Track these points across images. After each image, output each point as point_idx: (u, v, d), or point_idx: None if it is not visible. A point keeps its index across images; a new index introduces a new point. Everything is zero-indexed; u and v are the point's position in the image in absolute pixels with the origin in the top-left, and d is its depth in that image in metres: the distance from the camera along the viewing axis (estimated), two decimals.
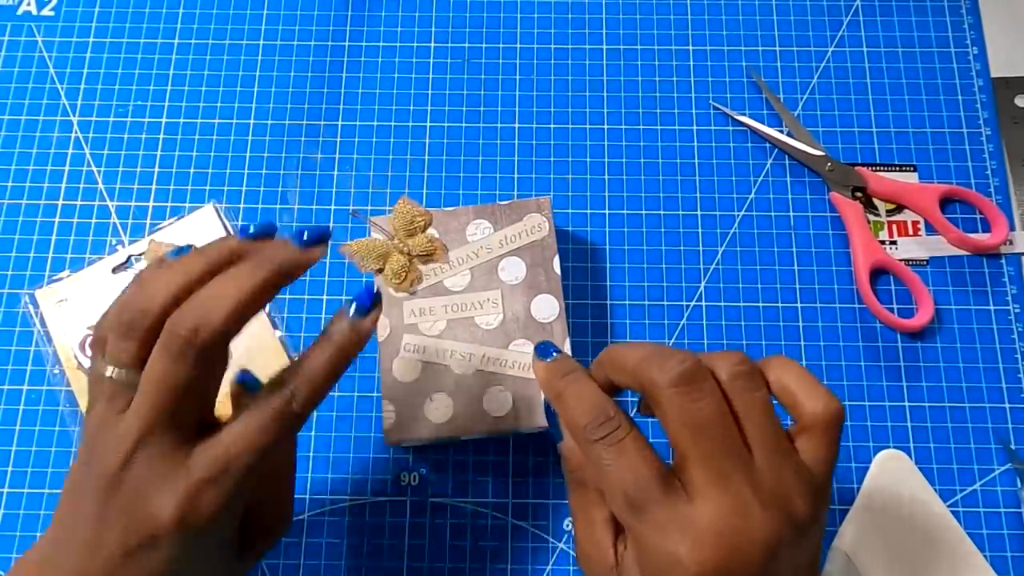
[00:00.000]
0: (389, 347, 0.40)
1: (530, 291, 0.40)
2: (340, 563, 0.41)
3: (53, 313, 0.45)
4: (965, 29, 0.50)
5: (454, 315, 0.40)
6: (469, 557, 0.41)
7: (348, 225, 0.47)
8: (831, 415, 0.27)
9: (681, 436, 0.26)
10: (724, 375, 0.27)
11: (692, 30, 0.51)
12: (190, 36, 0.51)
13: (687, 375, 0.26)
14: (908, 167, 0.48)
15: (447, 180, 0.48)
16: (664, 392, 0.26)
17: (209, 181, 0.48)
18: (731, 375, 0.27)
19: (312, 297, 0.46)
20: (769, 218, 0.47)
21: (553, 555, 0.41)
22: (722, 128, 0.49)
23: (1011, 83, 0.49)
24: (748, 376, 0.27)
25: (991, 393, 0.43)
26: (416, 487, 0.43)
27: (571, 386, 0.30)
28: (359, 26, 0.51)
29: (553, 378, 0.31)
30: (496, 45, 0.51)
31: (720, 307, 0.45)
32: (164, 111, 0.49)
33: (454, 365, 0.39)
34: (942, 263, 0.46)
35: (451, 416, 0.38)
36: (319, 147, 0.49)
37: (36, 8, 0.52)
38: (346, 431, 0.43)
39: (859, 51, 0.50)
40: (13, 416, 0.44)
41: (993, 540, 0.41)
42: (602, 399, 0.29)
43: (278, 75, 0.50)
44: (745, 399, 0.26)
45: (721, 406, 0.26)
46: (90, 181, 0.48)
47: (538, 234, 0.41)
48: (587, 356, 0.44)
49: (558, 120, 0.49)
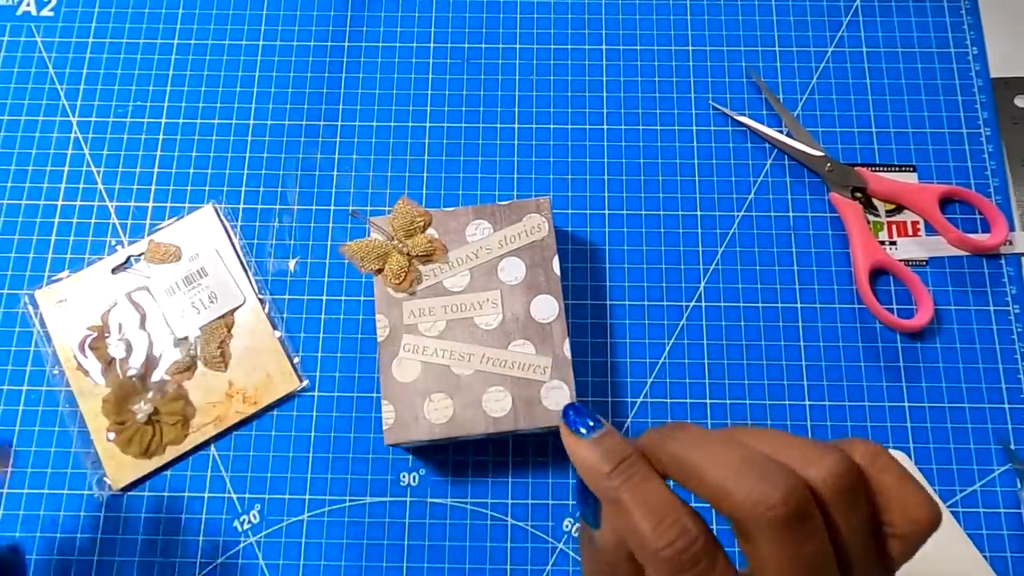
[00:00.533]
0: (389, 347, 0.40)
1: (530, 291, 0.40)
2: (340, 563, 0.41)
3: (53, 313, 0.45)
4: (965, 29, 0.50)
5: (454, 315, 0.40)
6: (469, 557, 0.41)
7: (348, 225, 0.47)
8: (933, 524, 0.22)
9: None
10: (823, 486, 0.21)
11: (692, 30, 0.51)
12: (190, 36, 0.51)
13: (797, 513, 0.21)
14: (908, 167, 0.48)
15: (447, 180, 0.48)
16: (763, 530, 0.21)
17: (209, 181, 0.48)
18: (834, 489, 0.21)
19: (312, 297, 0.46)
20: (769, 218, 0.47)
21: (553, 555, 0.41)
22: (722, 128, 0.49)
23: (1011, 83, 0.49)
24: (853, 494, 0.22)
25: (991, 393, 0.43)
26: (416, 487, 0.43)
27: (632, 488, 0.23)
28: (359, 26, 0.51)
29: (601, 469, 0.23)
30: (496, 45, 0.51)
31: (720, 307, 0.45)
32: (164, 111, 0.49)
33: (454, 365, 0.39)
34: (942, 263, 0.46)
35: (451, 416, 0.38)
36: (319, 147, 0.49)
37: (36, 8, 0.52)
38: (346, 431, 0.43)
39: (859, 51, 0.50)
40: (13, 416, 0.44)
41: (993, 540, 0.41)
42: (680, 513, 0.22)
43: (278, 75, 0.50)
44: (850, 522, 0.22)
45: (827, 547, 0.21)
46: (90, 181, 0.48)
47: (538, 234, 0.41)
48: (587, 356, 0.44)
49: (558, 120, 0.49)
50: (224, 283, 0.45)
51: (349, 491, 0.42)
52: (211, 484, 0.43)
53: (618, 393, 0.44)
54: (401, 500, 0.42)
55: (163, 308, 0.45)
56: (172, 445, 0.43)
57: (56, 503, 0.42)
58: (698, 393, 0.44)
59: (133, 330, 0.44)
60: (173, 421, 0.43)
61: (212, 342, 0.44)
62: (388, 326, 0.40)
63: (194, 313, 0.45)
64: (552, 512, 0.42)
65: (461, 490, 0.42)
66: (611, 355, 0.44)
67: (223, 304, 0.45)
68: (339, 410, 0.44)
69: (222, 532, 0.42)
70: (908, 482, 0.23)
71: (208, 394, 0.43)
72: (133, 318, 0.45)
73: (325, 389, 0.44)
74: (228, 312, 0.45)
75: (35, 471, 0.43)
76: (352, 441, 0.43)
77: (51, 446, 0.43)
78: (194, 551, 0.42)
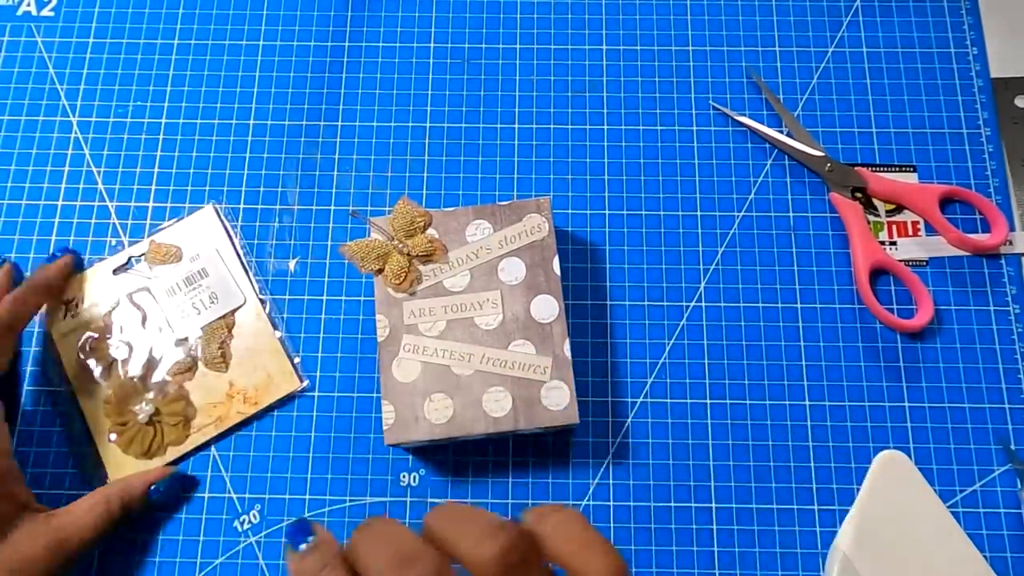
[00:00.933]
0: (389, 347, 0.40)
1: (530, 291, 0.40)
2: None
3: (54, 314, 0.45)
4: (965, 29, 0.50)
5: (454, 315, 0.40)
6: None
7: (348, 225, 0.47)
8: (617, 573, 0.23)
9: None
10: (492, 563, 0.22)
11: (692, 30, 0.51)
12: (190, 36, 0.51)
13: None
14: (908, 167, 0.48)
15: (447, 180, 0.48)
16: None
17: (209, 181, 0.48)
18: (502, 565, 0.22)
19: (312, 297, 0.46)
20: (769, 218, 0.47)
21: None
22: (722, 128, 0.49)
23: (1011, 83, 0.49)
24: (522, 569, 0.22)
25: (991, 393, 0.43)
26: (416, 487, 0.43)
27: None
28: (359, 26, 0.51)
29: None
30: (496, 45, 0.51)
31: (720, 307, 0.45)
32: (164, 111, 0.49)
33: (454, 365, 0.39)
34: (942, 263, 0.46)
35: (451, 416, 0.38)
36: (319, 147, 0.49)
37: (36, 8, 0.52)
38: (346, 431, 0.43)
39: (859, 51, 0.50)
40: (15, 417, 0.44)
41: (993, 540, 0.41)
42: None
43: (278, 75, 0.50)
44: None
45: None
46: (90, 181, 0.48)
47: (538, 234, 0.41)
48: (587, 356, 0.44)
49: (558, 120, 0.49)
50: (225, 283, 0.45)
51: (349, 491, 0.42)
52: (211, 484, 0.43)
53: (618, 393, 0.44)
54: (401, 500, 0.42)
55: (164, 309, 0.45)
56: (173, 446, 0.43)
57: (57, 503, 0.42)
58: (698, 393, 0.44)
59: (134, 331, 0.44)
60: (174, 422, 0.43)
61: (213, 342, 0.44)
62: (388, 326, 0.40)
63: (195, 313, 0.45)
64: None
65: (461, 490, 0.42)
66: (611, 355, 0.44)
67: (224, 304, 0.45)
68: (339, 410, 0.44)
69: (222, 532, 0.42)
70: (589, 546, 0.23)
71: (209, 394, 0.43)
72: (134, 319, 0.45)
73: (325, 389, 0.44)
74: (229, 312, 0.45)
75: (35, 471, 0.43)
76: (352, 441, 0.43)
77: (51, 447, 0.43)
78: (194, 551, 0.42)
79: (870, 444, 0.43)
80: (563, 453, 0.43)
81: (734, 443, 0.43)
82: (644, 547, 0.41)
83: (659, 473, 0.42)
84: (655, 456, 0.43)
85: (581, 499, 0.42)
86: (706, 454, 0.43)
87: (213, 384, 0.44)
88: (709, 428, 0.43)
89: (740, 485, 0.42)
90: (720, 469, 0.42)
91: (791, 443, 0.43)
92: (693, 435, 0.43)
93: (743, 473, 0.42)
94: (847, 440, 0.43)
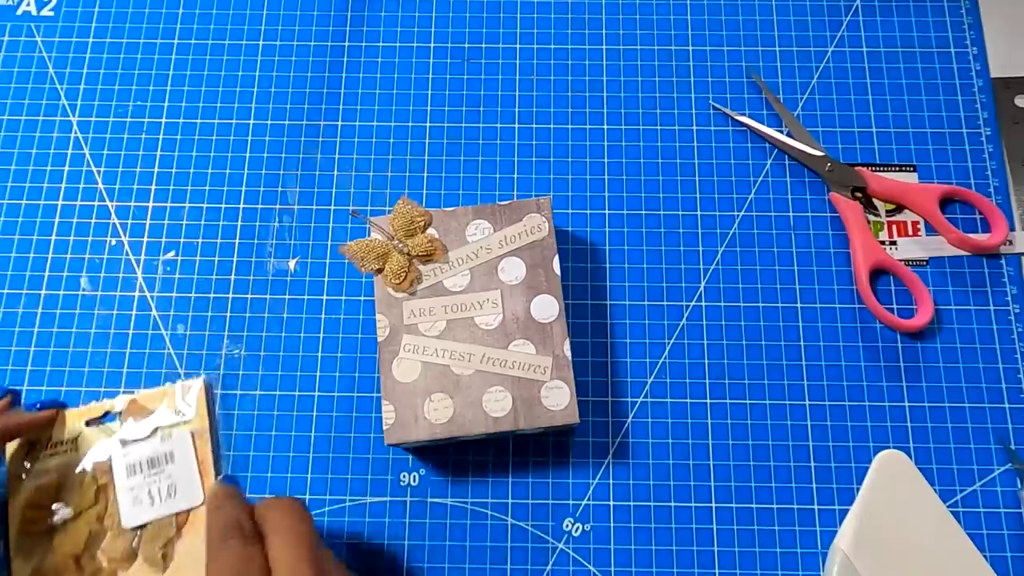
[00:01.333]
0: (389, 347, 0.40)
1: (530, 291, 0.40)
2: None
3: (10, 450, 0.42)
4: (965, 29, 0.50)
5: (454, 315, 0.40)
6: (469, 557, 0.41)
7: (348, 225, 0.47)
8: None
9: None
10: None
11: (692, 30, 0.51)
12: (190, 36, 0.51)
13: None
14: (908, 167, 0.48)
15: (447, 180, 0.48)
16: None
17: (209, 181, 0.48)
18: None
19: (312, 297, 0.46)
20: (769, 218, 0.47)
21: (553, 555, 0.41)
22: (722, 128, 0.49)
23: (1011, 83, 0.49)
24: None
25: (991, 393, 0.43)
26: (416, 487, 0.43)
27: None
28: (359, 26, 0.51)
29: None
30: (496, 45, 0.51)
31: (720, 307, 0.45)
32: (164, 111, 0.49)
33: (454, 365, 0.39)
34: (942, 263, 0.46)
35: (451, 416, 0.38)
36: (319, 147, 0.49)
37: (36, 8, 0.52)
38: (346, 431, 0.43)
39: (859, 51, 0.50)
40: None
41: (993, 540, 0.41)
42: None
43: (278, 75, 0.50)
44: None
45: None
46: (90, 181, 0.48)
47: (538, 234, 0.41)
48: (587, 356, 0.44)
49: (558, 120, 0.49)
50: (188, 476, 0.42)
51: (349, 491, 0.42)
52: None
53: (618, 393, 0.44)
54: (401, 500, 0.42)
55: (119, 487, 0.41)
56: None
57: None
58: (698, 393, 0.44)
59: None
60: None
61: (157, 541, 0.41)
62: (388, 326, 0.40)
63: (148, 503, 0.41)
64: (552, 512, 0.42)
65: (461, 490, 0.42)
66: (611, 355, 0.44)
67: (181, 500, 0.41)
68: (339, 410, 0.44)
69: None
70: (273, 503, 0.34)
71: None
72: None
73: (325, 389, 0.44)
74: (183, 511, 0.41)
75: None
76: (352, 441, 0.43)
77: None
78: None
79: (870, 444, 0.43)
80: (563, 453, 0.43)
81: (734, 443, 0.43)
82: (644, 547, 0.41)
83: (659, 473, 0.42)
84: (655, 456, 0.43)
85: (581, 499, 0.42)
86: (706, 454, 0.43)
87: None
88: (709, 428, 0.43)
89: (740, 485, 0.42)
90: (720, 469, 0.42)
91: (791, 443, 0.43)
92: (693, 435, 0.43)
93: (743, 473, 0.42)
94: (847, 440, 0.43)
